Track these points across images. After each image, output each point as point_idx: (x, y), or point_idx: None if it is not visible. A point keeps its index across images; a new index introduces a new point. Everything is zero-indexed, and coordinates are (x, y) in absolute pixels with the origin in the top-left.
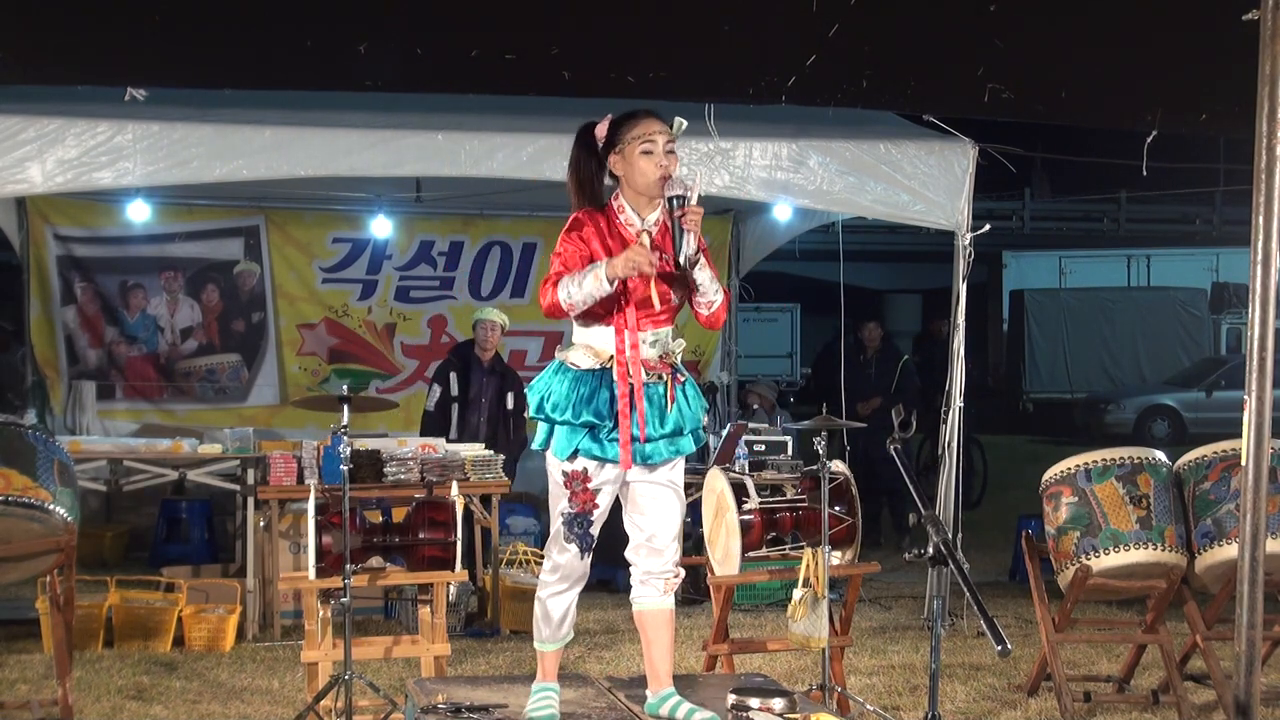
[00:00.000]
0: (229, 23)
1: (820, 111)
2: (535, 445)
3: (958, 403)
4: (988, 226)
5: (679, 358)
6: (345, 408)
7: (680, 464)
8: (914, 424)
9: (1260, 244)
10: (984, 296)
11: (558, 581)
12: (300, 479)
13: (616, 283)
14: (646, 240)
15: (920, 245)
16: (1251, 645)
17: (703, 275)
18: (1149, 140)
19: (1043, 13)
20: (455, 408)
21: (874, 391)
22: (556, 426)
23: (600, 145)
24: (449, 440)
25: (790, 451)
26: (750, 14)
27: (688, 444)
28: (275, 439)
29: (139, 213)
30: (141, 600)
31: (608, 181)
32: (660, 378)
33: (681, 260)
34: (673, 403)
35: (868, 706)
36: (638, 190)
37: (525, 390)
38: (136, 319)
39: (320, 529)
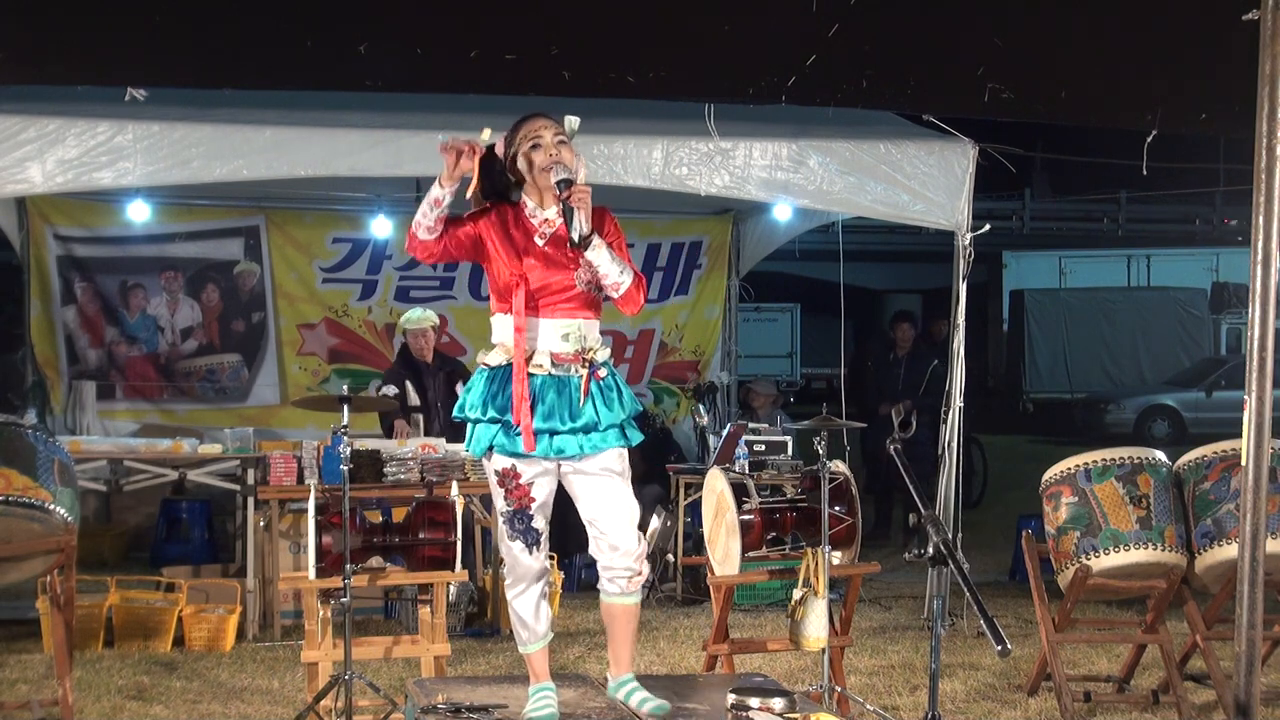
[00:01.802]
0: (229, 23)
1: (820, 111)
2: (465, 448)
3: (958, 403)
4: (988, 226)
5: (600, 354)
6: (345, 408)
7: (616, 454)
8: (914, 424)
9: (1260, 244)
10: (984, 296)
11: (514, 582)
12: (300, 479)
13: (449, 185)
14: (548, 231)
15: (920, 245)
16: (1251, 645)
17: (599, 255)
18: (1149, 140)
19: (1043, 12)
20: (420, 417)
21: (901, 393)
22: (472, 425)
23: (502, 163)
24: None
25: (790, 451)
26: (750, 14)
27: (608, 439)
28: (275, 439)
29: (139, 213)
30: (141, 600)
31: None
32: (574, 370)
33: (576, 238)
34: (586, 396)
35: (868, 706)
36: (535, 184)
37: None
38: (136, 319)
39: (320, 529)
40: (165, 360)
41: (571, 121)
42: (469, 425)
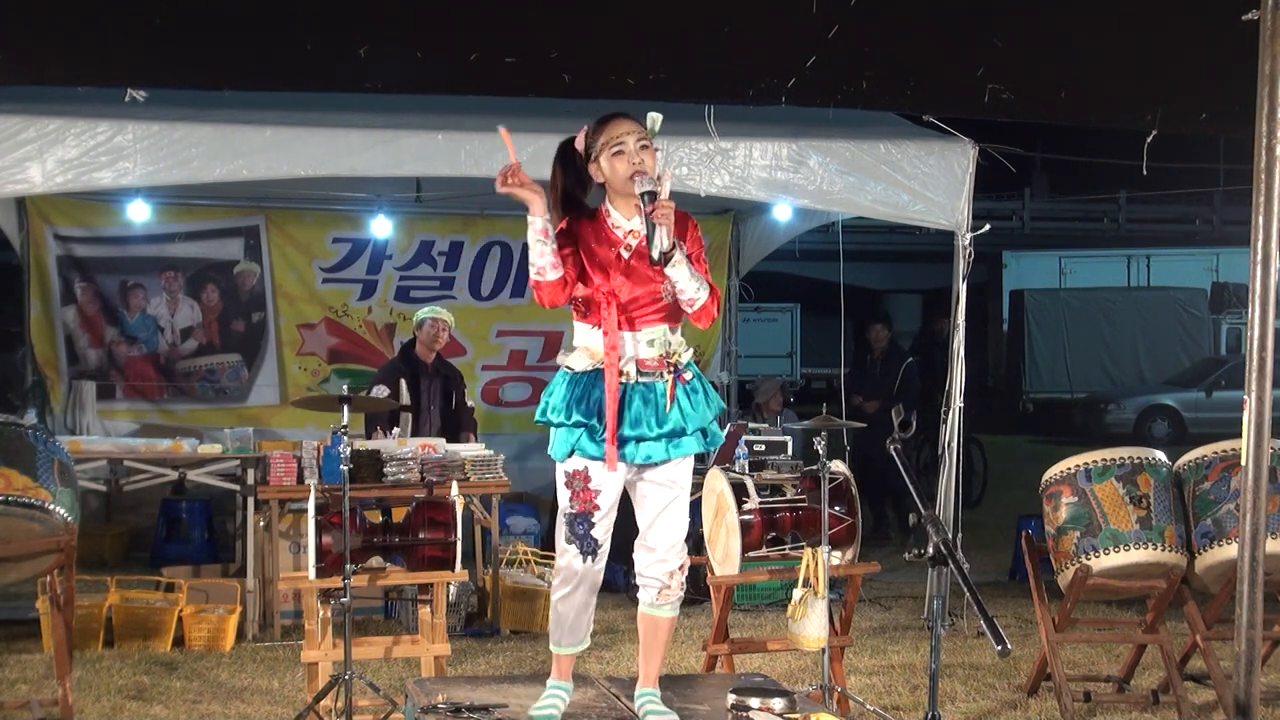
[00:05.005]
0: (229, 23)
1: (820, 112)
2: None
3: (958, 403)
4: (988, 226)
5: (685, 358)
6: (345, 408)
7: (683, 463)
8: (914, 424)
9: (1260, 244)
10: (984, 296)
11: (561, 584)
12: (300, 479)
13: (541, 213)
14: (633, 242)
15: (920, 245)
16: (1251, 645)
17: (679, 272)
18: (1149, 140)
19: (1043, 12)
20: (409, 416)
21: (877, 393)
22: (555, 429)
23: (581, 158)
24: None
25: (790, 451)
26: (750, 14)
27: (690, 444)
28: (275, 439)
29: (139, 213)
30: (141, 600)
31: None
32: (661, 376)
33: (656, 255)
34: (673, 402)
35: (868, 706)
36: (617, 191)
37: (465, 386)
38: (136, 319)
39: (320, 529)
40: (165, 360)
41: (654, 120)
42: (551, 429)
